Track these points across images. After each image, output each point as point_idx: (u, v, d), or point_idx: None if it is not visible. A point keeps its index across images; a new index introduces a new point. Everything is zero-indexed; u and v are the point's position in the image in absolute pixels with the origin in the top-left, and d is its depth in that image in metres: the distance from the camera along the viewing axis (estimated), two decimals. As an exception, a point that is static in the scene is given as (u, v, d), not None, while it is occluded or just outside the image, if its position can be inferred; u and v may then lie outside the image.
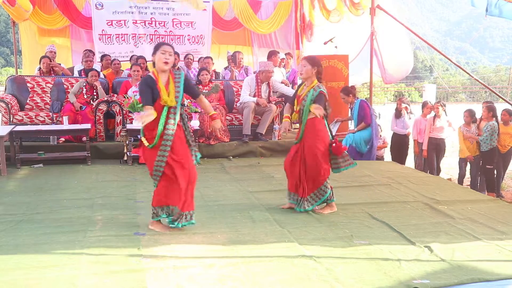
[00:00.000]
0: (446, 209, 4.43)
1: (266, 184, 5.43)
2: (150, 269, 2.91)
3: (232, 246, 3.37)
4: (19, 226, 3.74)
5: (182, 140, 3.75)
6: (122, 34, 9.97)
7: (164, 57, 3.56)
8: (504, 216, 4.24)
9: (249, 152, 7.24)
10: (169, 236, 3.57)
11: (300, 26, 11.18)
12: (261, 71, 7.46)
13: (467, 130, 7.25)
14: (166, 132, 3.59)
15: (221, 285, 2.73)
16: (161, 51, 3.57)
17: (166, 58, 3.56)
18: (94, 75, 7.38)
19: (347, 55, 8.08)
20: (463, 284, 2.80)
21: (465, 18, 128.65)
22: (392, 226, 3.87)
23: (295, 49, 11.31)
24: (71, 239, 3.44)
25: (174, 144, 3.62)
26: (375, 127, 7.06)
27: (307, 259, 3.12)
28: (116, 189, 5.10)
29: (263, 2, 11.05)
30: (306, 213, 4.27)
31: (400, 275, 2.89)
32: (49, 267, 2.92)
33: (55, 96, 7.60)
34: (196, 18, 10.28)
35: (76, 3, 10.08)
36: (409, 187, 5.39)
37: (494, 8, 6.49)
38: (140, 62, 8.17)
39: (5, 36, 41.75)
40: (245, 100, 7.42)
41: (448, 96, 32.69)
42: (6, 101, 7.09)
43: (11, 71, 27.35)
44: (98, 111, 7.06)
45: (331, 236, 3.65)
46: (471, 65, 71.00)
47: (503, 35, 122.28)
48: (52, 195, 4.80)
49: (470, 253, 3.30)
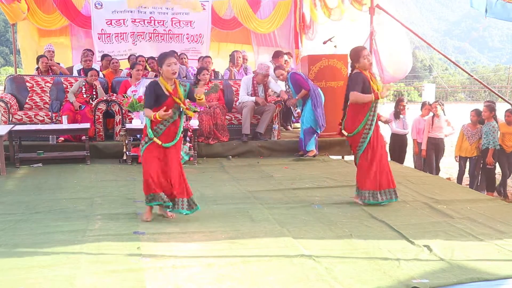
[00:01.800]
0: (446, 209, 4.43)
1: (266, 184, 5.43)
2: (149, 269, 2.91)
3: (231, 246, 3.36)
4: (18, 226, 3.74)
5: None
6: (121, 33, 9.97)
7: (171, 69, 3.87)
8: (504, 216, 4.24)
9: (248, 152, 7.24)
10: (168, 235, 3.57)
11: (299, 26, 11.17)
12: (257, 73, 7.49)
13: (470, 131, 7.18)
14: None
15: (220, 284, 2.73)
16: (166, 64, 3.87)
17: (173, 70, 3.87)
18: (93, 75, 7.38)
19: (346, 54, 8.06)
20: (463, 283, 2.80)
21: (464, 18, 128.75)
22: (392, 226, 3.87)
23: (294, 48, 11.31)
24: (70, 239, 3.44)
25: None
26: (314, 94, 6.90)
27: (306, 259, 3.12)
28: (116, 188, 5.09)
29: (262, 2, 11.03)
30: (305, 212, 4.27)
31: (399, 275, 2.89)
32: (48, 266, 2.92)
33: (54, 96, 7.60)
34: (195, 18, 10.28)
35: (75, 2, 10.06)
36: (409, 186, 5.39)
37: (494, 8, 6.48)
38: (140, 61, 8.17)
39: (4, 35, 41.74)
40: (244, 99, 7.43)
41: (447, 96, 32.74)
42: (5, 101, 7.09)
43: (10, 71, 27.34)
44: (97, 111, 7.05)
45: (330, 235, 3.65)
46: (470, 64, 71.07)
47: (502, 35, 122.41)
48: (51, 194, 4.80)
49: (469, 252, 3.30)
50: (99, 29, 9.82)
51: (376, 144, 4.50)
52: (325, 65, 7.58)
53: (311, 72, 7.51)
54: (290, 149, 7.35)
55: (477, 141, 7.09)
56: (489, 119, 6.89)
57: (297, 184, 5.40)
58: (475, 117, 7.15)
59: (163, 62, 3.86)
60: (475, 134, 7.10)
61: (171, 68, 3.84)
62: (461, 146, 7.27)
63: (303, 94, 6.87)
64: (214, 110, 7.13)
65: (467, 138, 7.16)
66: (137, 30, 10.05)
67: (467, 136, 7.16)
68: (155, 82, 3.95)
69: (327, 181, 5.58)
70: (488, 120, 6.90)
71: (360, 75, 4.44)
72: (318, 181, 5.54)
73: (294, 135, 8.07)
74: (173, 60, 3.87)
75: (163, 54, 3.97)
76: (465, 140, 7.21)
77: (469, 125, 7.23)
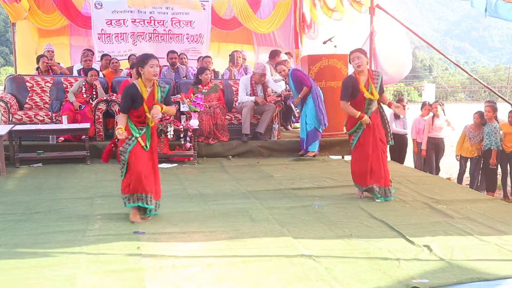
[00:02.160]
0: (445, 209, 4.43)
1: (266, 184, 5.43)
2: (149, 268, 2.91)
3: (231, 246, 3.37)
4: (18, 226, 3.75)
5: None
6: (121, 33, 9.96)
7: (153, 71, 3.85)
8: (503, 216, 4.24)
9: (248, 152, 7.24)
10: (168, 235, 3.57)
11: (299, 25, 11.17)
12: (255, 73, 7.49)
13: (472, 132, 7.12)
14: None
15: (220, 284, 2.73)
16: (149, 65, 3.83)
17: (155, 71, 3.86)
18: (94, 75, 7.38)
19: (346, 54, 8.06)
20: (462, 283, 2.80)
21: (464, 18, 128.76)
22: (392, 226, 3.87)
23: (294, 48, 11.31)
24: (70, 238, 3.45)
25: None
26: (315, 92, 6.87)
27: (306, 259, 3.12)
28: (115, 188, 5.07)
29: (262, 1, 11.03)
30: (305, 212, 4.27)
31: (399, 275, 2.89)
32: (48, 266, 2.92)
33: (54, 96, 7.60)
34: (195, 17, 10.27)
35: (75, 2, 10.06)
36: (409, 186, 5.39)
37: (494, 7, 6.48)
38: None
39: (4, 35, 41.73)
40: (243, 99, 7.43)
41: (447, 96, 32.74)
42: (5, 101, 7.09)
43: (10, 71, 27.33)
44: (97, 111, 7.06)
45: (330, 235, 3.65)
46: (470, 64, 71.04)
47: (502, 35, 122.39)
48: (51, 194, 4.80)
49: (469, 252, 3.30)
50: (99, 29, 9.81)
51: (367, 143, 4.71)
52: (325, 65, 7.57)
53: (311, 72, 7.51)
54: (290, 149, 7.35)
55: (478, 142, 7.09)
56: (491, 120, 6.89)
57: (297, 184, 5.39)
58: (478, 119, 7.09)
59: (146, 63, 3.82)
60: (477, 135, 7.08)
61: (153, 70, 3.83)
62: (462, 145, 7.28)
63: (305, 92, 6.84)
64: (214, 110, 7.14)
65: (469, 139, 7.15)
66: (137, 30, 10.05)
67: (469, 137, 7.14)
68: (132, 85, 3.92)
69: (327, 181, 5.58)
70: (490, 121, 6.89)
71: (350, 80, 4.66)
72: (318, 181, 5.54)
73: (294, 135, 8.07)
74: (156, 62, 3.86)
75: (147, 55, 3.94)
76: (466, 141, 7.21)
77: (472, 126, 7.20)
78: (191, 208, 4.35)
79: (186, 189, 5.08)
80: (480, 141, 7.04)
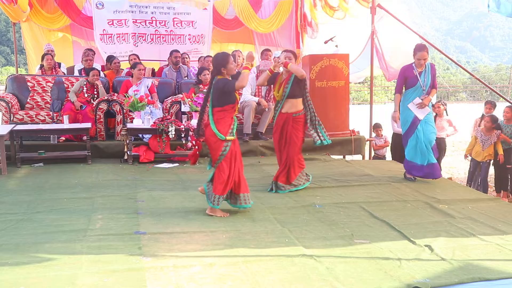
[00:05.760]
0: (447, 208, 4.43)
1: (267, 183, 5.42)
2: (150, 268, 2.91)
3: (232, 245, 3.37)
4: (19, 225, 3.75)
5: None
6: (123, 33, 9.96)
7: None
8: (505, 215, 4.23)
9: (249, 151, 7.23)
10: (169, 235, 3.57)
11: (300, 25, 11.16)
12: (260, 70, 7.48)
13: (483, 136, 6.86)
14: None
15: (221, 284, 2.73)
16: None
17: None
18: (95, 74, 7.38)
19: (347, 54, 8.06)
20: (464, 283, 2.80)
21: (465, 17, 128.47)
22: (393, 225, 3.87)
23: (295, 48, 11.30)
24: (72, 238, 3.45)
25: None
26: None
27: (307, 258, 3.12)
28: (117, 188, 5.09)
29: (263, 1, 11.02)
30: (306, 212, 4.27)
31: (400, 275, 2.89)
32: (49, 266, 2.92)
33: (56, 95, 7.60)
34: (196, 18, 10.26)
35: (76, 2, 10.06)
36: (410, 186, 5.39)
37: (497, 3, 6.45)
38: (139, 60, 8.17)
39: (5, 35, 41.73)
40: (246, 99, 7.41)
41: (448, 95, 32.67)
42: (6, 100, 7.09)
43: (11, 70, 27.36)
44: (98, 110, 7.06)
45: (331, 235, 3.65)
46: (472, 64, 70.83)
47: (503, 34, 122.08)
48: (52, 194, 4.80)
49: (470, 252, 3.30)
50: (101, 30, 9.80)
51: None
52: (326, 64, 7.56)
53: (312, 71, 7.51)
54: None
55: (490, 146, 6.83)
56: (509, 121, 6.81)
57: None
58: (489, 123, 6.78)
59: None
60: (488, 140, 6.83)
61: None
62: (473, 147, 7.07)
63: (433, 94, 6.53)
64: (215, 110, 7.12)
65: (480, 142, 6.96)
66: (139, 31, 10.04)
67: (480, 140, 6.93)
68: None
69: (328, 181, 5.57)
70: (509, 122, 6.82)
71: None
72: (319, 181, 5.53)
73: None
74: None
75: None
76: (478, 144, 7.02)
77: (483, 130, 6.94)
78: (192, 208, 4.35)
79: (187, 189, 5.07)
80: (491, 145, 6.83)
